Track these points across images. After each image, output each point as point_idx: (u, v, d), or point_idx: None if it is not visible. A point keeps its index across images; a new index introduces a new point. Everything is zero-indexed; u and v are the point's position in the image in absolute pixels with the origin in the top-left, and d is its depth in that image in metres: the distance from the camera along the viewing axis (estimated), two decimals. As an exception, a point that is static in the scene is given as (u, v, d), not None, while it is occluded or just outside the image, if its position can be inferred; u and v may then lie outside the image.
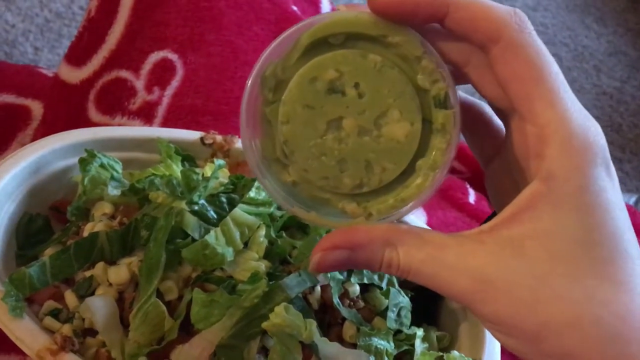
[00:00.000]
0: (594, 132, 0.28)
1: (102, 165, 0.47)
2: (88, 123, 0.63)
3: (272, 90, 0.30)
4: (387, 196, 0.31)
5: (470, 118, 0.33)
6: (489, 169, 0.35)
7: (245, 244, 0.43)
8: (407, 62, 0.31)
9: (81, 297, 0.42)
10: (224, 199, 0.45)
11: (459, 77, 0.31)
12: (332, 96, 0.30)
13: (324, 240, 0.30)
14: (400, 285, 0.47)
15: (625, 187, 1.29)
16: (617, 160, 1.31)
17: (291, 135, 0.30)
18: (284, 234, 0.46)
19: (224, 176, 0.48)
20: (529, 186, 0.28)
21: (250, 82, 0.30)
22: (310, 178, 0.31)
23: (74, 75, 0.67)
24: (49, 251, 0.44)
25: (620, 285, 0.27)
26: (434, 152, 0.31)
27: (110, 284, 0.42)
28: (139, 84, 0.64)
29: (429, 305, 0.49)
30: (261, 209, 0.45)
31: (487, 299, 0.28)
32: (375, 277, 0.46)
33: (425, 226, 0.56)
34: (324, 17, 0.30)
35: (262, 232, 0.44)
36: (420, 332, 0.45)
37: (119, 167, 0.48)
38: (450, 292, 0.28)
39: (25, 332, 0.39)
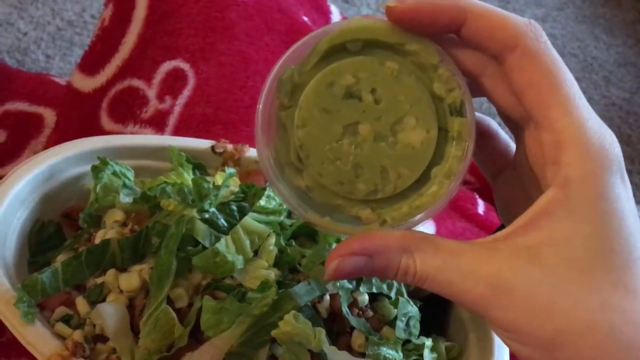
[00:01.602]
0: (610, 140, 0.28)
1: (114, 173, 0.48)
2: (100, 131, 0.64)
3: (289, 94, 0.30)
4: (401, 203, 0.31)
5: (478, 133, 0.33)
6: (497, 182, 0.35)
7: (255, 252, 0.43)
8: (423, 71, 0.31)
9: (92, 304, 0.42)
10: (234, 208, 0.45)
11: (473, 89, 0.31)
12: (348, 101, 0.30)
13: (341, 247, 0.30)
14: (409, 295, 0.47)
15: (635, 199, 1.28)
16: (626, 172, 1.31)
17: (307, 139, 0.30)
18: (293, 243, 0.46)
19: (234, 185, 0.48)
20: (545, 193, 0.28)
21: (266, 86, 0.30)
22: (325, 183, 0.31)
23: (86, 83, 0.68)
24: (61, 258, 0.45)
25: (635, 293, 0.27)
26: (449, 160, 0.31)
27: (121, 291, 0.42)
28: (151, 93, 0.65)
29: (437, 316, 0.49)
30: (271, 218, 0.45)
31: (503, 305, 0.28)
32: (384, 286, 0.46)
33: None
34: (342, 23, 0.31)
35: (272, 240, 0.44)
36: (429, 342, 0.45)
37: (131, 174, 0.49)
38: (466, 299, 0.28)
39: (37, 338, 0.40)
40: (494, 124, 0.34)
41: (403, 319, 0.45)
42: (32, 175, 0.47)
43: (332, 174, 0.31)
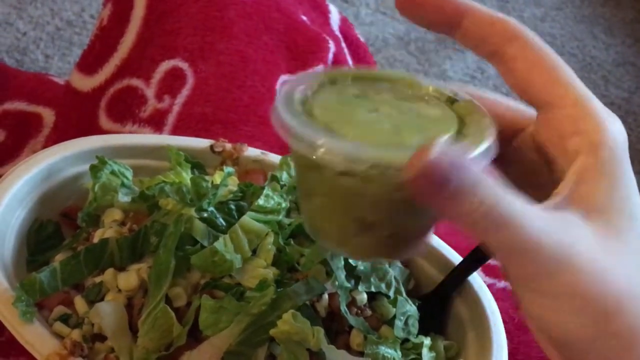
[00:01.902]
0: (612, 113, 0.30)
1: (112, 173, 0.48)
2: (99, 130, 0.64)
3: (301, 104, 0.31)
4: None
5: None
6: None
7: (254, 252, 0.43)
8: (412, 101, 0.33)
9: (91, 303, 0.42)
10: (233, 207, 0.45)
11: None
12: (360, 99, 0.32)
13: (435, 145, 0.25)
14: (407, 295, 0.47)
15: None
16: (625, 171, 1.31)
17: (334, 117, 0.30)
18: (292, 242, 0.46)
19: (233, 184, 0.48)
20: (574, 163, 0.29)
21: (278, 99, 0.31)
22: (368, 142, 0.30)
23: (85, 83, 0.68)
24: (59, 257, 0.45)
25: None
26: (477, 125, 0.31)
27: (120, 290, 0.42)
28: (150, 92, 0.65)
29: (436, 315, 0.49)
30: (270, 217, 0.45)
31: (570, 265, 0.27)
32: (383, 285, 0.46)
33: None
34: (325, 71, 0.34)
35: (271, 239, 0.44)
36: (427, 341, 0.45)
37: (129, 174, 0.49)
38: (535, 257, 0.27)
39: (35, 337, 0.40)
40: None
41: (402, 317, 0.45)
42: (31, 174, 0.47)
43: (374, 135, 0.30)
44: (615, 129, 0.29)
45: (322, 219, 0.33)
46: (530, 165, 0.33)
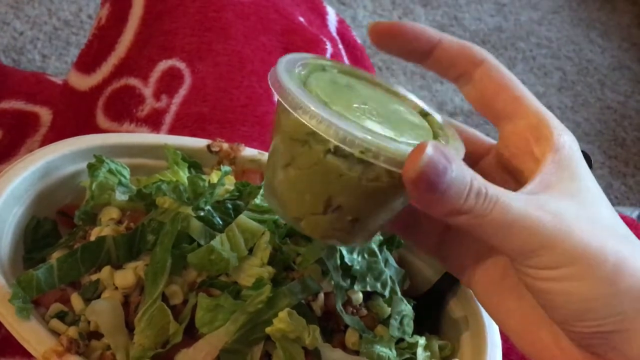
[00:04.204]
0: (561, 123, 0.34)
1: (110, 171, 0.48)
2: (96, 129, 0.64)
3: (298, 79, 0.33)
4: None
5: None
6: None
7: (250, 250, 0.44)
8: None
9: (87, 300, 0.42)
10: (229, 206, 0.46)
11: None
12: (350, 89, 0.34)
13: (428, 143, 0.28)
14: (403, 294, 0.47)
15: (629, 201, 1.29)
16: (620, 175, 1.31)
17: (331, 100, 0.32)
18: (288, 241, 0.46)
19: (230, 183, 0.48)
20: (543, 163, 0.32)
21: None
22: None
23: (83, 82, 0.68)
24: (56, 255, 0.45)
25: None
26: (446, 133, 0.35)
27: (116, 288, 0.42)
28: (147, 91, 0.65)
29: (431, 314, 0.49)
30: (266, 216, 0.45)
31: (568, 232, 0.29)
32: (379, 285, 0.46)
33: None
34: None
35: (267, 238, 0.44)
36: (422, 340, 0.45)
37: (126, 173, 0.49)
38: (532, 228, 0.29)
39: (32, 334, 0.40)
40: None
41: (397, 317, 0.45)
42: (29, 172, 0.47)
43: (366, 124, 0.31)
44: (569, 135, 0.33)
45: (290, 190, 0.33)
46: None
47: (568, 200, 0.31)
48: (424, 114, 0.36)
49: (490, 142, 0.37)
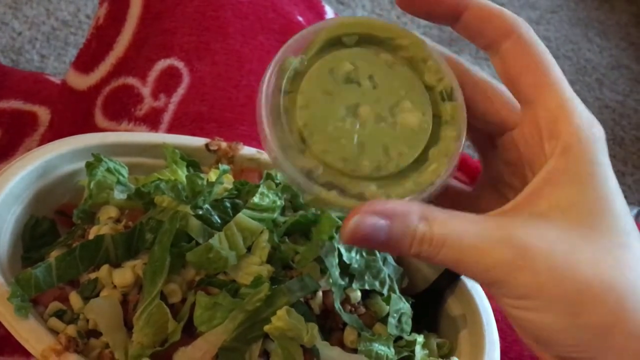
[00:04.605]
0: (594, 118, 0.31)
1: (108, 170, 0.48)
2: (94, 129, 0.64)
3: (290, 81, 0.32)
4: (404, 180, 0.32)
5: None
6: (487, 161, 0.36)
7: (249, 249, 0.44)
8: (413, 63, 0.33)
9: (86, 299, 0.42)
10: (228, 204, 0.46)
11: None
12: (348, 85, 0.32)
13: (362, 207, 0.29)
14: (401, 292, 0.47)
15: (628, 200, 1.29)
16: (619, 174, 1.31)
17: (310, 118, 0.32)
18: (287, 240, 0.46)
19: (228, 182, 0.48)
20: (547, 163, 0.30)
21: (268, 74, 0.32)
22: (329, 160, 0.32)
23: (81, 81, 0.68)
24: (55, 253, 0.45)
25: (635, 254, 0.29)
26: (445, 140, 0.33)
27: (115, 286, 0.42)
28: (146, 90, 0.65)
29: (429, 313, 0.49)
30: (265, 215, 0.45)
31: (525, 267, 0.28)
32: (377, 283, 0.46)
33: None
34: (339, 18, 0.33)
35: (265, 237, 0.44)
36: (420, 338, 0.45)
37: (125, 171, 0.49)
38: (487, 264, 0.28)
39: (30, 332, 0.40)
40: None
41: (395, 315, 0.45)
42: (27, 171, 0.47)
43: (337, 151, 0.32)
44: (591, 134, 0.30)
45: None
46: (512, 166, 0.33)
47: (550, 222, 0.29)
48: (444, 97, 0.33)
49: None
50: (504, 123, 0.33)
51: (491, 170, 0.34)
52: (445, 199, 0.35)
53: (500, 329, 0.46)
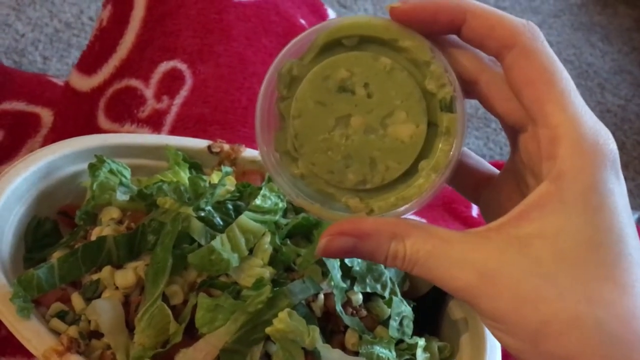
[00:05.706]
0: (605, 135, 0.29)
1: (111, 171, 0.48)
2: (97, 130, 0.64)
3: (287, 86, 0.32)
4: (389, 194, 0.32)
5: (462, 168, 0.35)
6: (481, 197, 0.36)
7: (251, 251, 0.44)
8: (416, 67, 0.32)
9: (88, 300, 0.43)
10: (230, 206, 0.46)
11: (468, 91, 0.32)
12: (342, 94, 0.32)
13: (332, 227, 0.30)
14: (403, 295, 0.47)
15: (630, 206, 1.28)
16: (620, 178, 1.31)
17: (301, 128, 0.32)
18: (288, 242, 0.46)
19: (230, 184, 0.48)
20: (539, 187, 0.29)
21: (266, 78, 0.32)
22: (317, 171, 0.32)
23: (84, 83, 0.68)
24: (57, 254, 0.45)
25: (624, 288, 0.27)
26: (437, 154, 0.32)
27: (117, 288, 0.43)
28: (149, 92, 0.65)
29: (431, 316, 0.49)
30: (267, 217, 0.45)
31: (489, 293, 0.28)
32: (378, 286, 0.46)
33: None
34: (339, 19, 0.32)
35: (267, 239, 0.44)
36: (422, 341, 0.45)
37: (127, 173, 0.49)
38: (454, 286, 0.29)
39: (32, 333, 0.40)
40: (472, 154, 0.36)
41: (397, 318, 0.45)
42: (30, 172, 0.47)
43: (324, 163, 0.32)
44: (594, 155, 0.28)
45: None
46: (527, 166, 0.33)
47: (528, 248, 0.28)
48: (442, 85, 0.31)
49: None
50: (518, 124, 0.31)
51: (513, 161, 0.33)
52: (470, 178, 0.35)
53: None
